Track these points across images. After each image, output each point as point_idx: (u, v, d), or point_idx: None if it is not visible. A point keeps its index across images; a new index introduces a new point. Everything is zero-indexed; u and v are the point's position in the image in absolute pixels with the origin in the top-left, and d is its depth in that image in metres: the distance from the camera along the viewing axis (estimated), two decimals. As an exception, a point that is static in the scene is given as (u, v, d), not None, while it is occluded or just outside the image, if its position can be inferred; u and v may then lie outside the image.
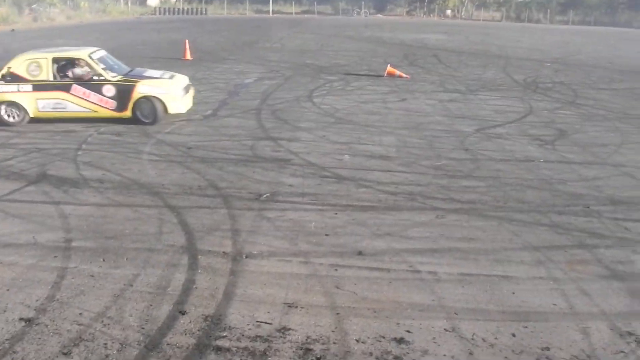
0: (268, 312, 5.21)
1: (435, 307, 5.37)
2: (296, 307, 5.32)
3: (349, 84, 17.84)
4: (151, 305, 5.30)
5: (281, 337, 4.85)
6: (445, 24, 57.20)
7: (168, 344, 4.71)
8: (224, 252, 6.38)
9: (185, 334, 4.85)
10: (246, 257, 6.28)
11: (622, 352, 4.81)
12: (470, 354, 4.68)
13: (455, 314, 5.27)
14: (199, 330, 4.92)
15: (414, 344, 4.79)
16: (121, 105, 12.18)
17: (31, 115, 12.28)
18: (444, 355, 4.67)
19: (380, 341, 4.82)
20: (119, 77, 12.31)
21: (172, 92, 12.42)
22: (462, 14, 75.25)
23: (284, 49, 27.74)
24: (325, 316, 5.18)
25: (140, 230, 6.96)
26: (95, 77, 12.12)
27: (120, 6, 65.27)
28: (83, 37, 32.49)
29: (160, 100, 12.23)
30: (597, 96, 17.43)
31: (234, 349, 4.67)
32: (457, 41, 35.68)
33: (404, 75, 19.78)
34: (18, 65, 12.15)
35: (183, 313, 5.17)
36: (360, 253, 6.44)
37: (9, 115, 12.23)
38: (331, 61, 23.62)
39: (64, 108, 12.21)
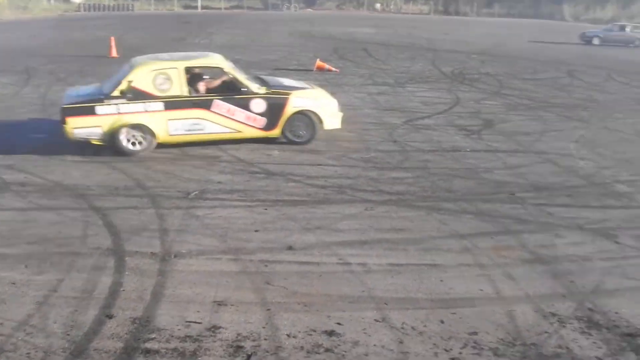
0: (198, 312, 5.14)
1: (366, 298, 5.41)
2: (226, 305, 5.26)
3: (279, 79, 17.79)
4: (76, 310, 5.14)
5: (211, 335, 4.79)
6: (375, 18, 57.71)
7: (95, 350, 4.58)
8: (151, 252, 6.25)
9: (113, 338, 4.73)
10: (175, 256, 6.17)
11: (546, 332, 4.96)
12: (400, 342, 4.74)
13: (385, 304, 5.32)
14: (126, 333, 4.80)
15: (344, 336, 4.81)
16: (271, 122, 10.19)
17: (160, 139, 9.92)
18: (374, 345, 4.70)
19: (311, 335, 4.83)
20: (264, 89, 10.25)
21: (329, 105, 10.69)
22: (391, 7, 76.10)
23: (213, 44, 27.37)
24: (255, 313, 5.15)
25: (64, 233, 6.75)
26: (242, 90, 10.09)
27: (43, 3, 63.08)
28: (0, 34, 31.33)
29: (317, 115, 10.44)
30: (521, 86, 17.97)
31: (163, 350, 4.58)
32: (386, 34, 36.08)
33: (333, 69, 19.87)
34: (142, 77, 9.69)
35: (110, 317, 5.04)
36: (290, 248, 6.43)
37: (131, 142, 9.83)
38: (261, 56, 23.48)
39: (201, 129, 9.97)
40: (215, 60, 10.45)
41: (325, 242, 6.56)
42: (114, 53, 22.92)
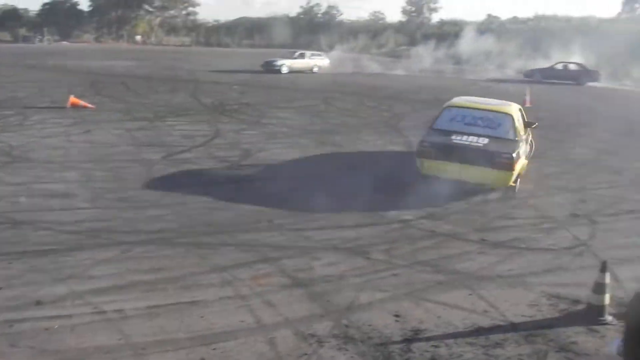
0: None
1: (122, 346, 5.17)
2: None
3: (28, 118, 16.41)
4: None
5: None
6: (135, 50, 56.44)
7: None
8: None
9: None
10: None
11: (305, 354, 5.13)
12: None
13: (143, 349, 5.12)
14: None
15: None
16: None
17: None
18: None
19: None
20: None
21: None
22: (152, 39, 75.13)
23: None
24: (-4, 381, 4.67)
25: None
26: None
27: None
28: None
29: None
30: (280, 115, 18.63)
31: None
32: (146, 67, 35.38)
33: (89, 105, 18.93)
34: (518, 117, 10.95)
35: None
36: (38, 303, 5.93)
37: None
38: (8, 94, 21.65)
39: None
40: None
41: (77, 292, 6.15)
42: None
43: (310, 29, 74.72)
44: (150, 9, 77.09)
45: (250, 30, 78.14)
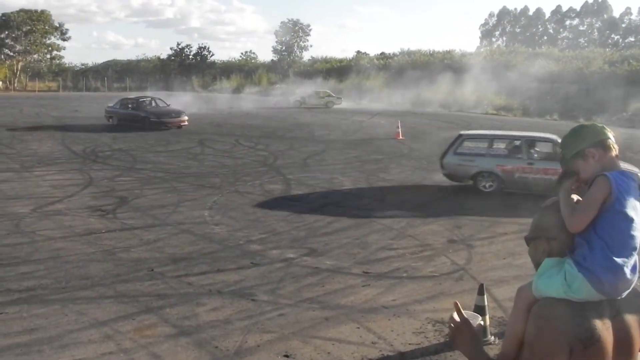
0: None
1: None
2: None
3: None
4: None
5: None
6: (-3, 98, 53.64)
7: None
8: None
9: None
10: None
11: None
12: None
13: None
14: None
15: None
16: None
17: None
18: None
19: None
20: None
21: None
22: (16, 85, 71.69)
23: None
24: None
25: None
26: None
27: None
28: None
29: None
30: (154, 159, 18.30)
31: None
32: (10, 115, 33.62)
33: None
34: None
35: None
36: None
37: None
38: None
39: None
40: None
41: (-59, 363, 5.71)
42: None
43: (182, 70, 74.47)
44: (11, 54, 73.66)
45: (121, 73, 76.69)
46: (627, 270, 2.20)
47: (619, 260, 2.19)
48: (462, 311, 2.37)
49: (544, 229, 2.32)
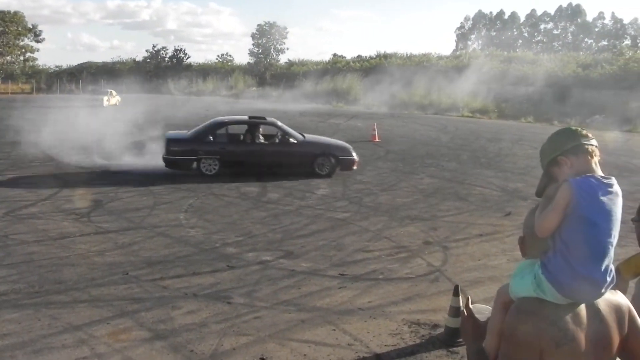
0: None
1: None
2: None
3: None
4: None
5: None
6: (-32, 100, 52.87)
7: None
8: None
9: None
10: None
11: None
12: None
13: None
14: None
15: None
16: None
17: None
18: None
19: None
20: None
21: None
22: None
23: None
24: None
25: None
26: None
27: None
28: None
29: None
30: (130, 161, 18.09)
31: None
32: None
33: None
34: None
35: None
36: None
37: None
38: None
39: None
40: None
41: None
42: None
43: (157, 73, 74.10)
44: (-17, 56, 72.84)
45: (95, 75, 76.10)
46: (592, 277, 2.21)
47: (578, 266, 2.21)
48: (470, 305, 2.53)
49: (524, 227, 2.40)
